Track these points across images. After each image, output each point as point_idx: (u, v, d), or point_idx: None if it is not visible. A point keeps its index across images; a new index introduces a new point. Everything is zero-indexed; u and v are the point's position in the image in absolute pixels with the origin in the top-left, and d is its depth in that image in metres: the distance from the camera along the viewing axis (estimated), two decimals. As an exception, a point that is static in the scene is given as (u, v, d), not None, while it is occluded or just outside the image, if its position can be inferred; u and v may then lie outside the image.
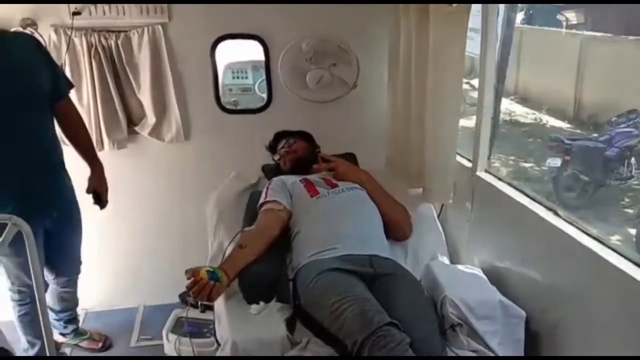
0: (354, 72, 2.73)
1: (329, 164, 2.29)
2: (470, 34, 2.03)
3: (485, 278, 1.97)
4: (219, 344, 1.77)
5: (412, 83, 2.28)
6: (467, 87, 4.41)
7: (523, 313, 1.74)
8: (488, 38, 2.01)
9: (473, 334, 1.70)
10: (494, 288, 1.86)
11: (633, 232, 4.08)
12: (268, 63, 2.70)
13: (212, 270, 1.70)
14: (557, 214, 1.77)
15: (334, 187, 2.15)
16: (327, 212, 2.04)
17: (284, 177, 2.24)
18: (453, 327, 1.70)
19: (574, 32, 6.16)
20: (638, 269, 1.42)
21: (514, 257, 1.96)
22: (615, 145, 4.44)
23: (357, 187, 2.18)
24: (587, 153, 4.56)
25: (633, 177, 4.46)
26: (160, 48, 2.53)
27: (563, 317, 1.67)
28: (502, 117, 5.37)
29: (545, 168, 4.86)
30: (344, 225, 1.98)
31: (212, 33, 2.60)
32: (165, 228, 2.81)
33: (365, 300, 1.63)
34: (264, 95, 2.84)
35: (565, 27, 6.28)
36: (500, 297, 1.78)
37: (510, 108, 6.46)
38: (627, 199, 4.57)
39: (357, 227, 2.00)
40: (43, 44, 2.14)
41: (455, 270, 2.05)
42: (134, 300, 2.92)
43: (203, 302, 1.76)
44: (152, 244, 2.81)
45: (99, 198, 2.20)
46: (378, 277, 1.81)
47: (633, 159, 4.42)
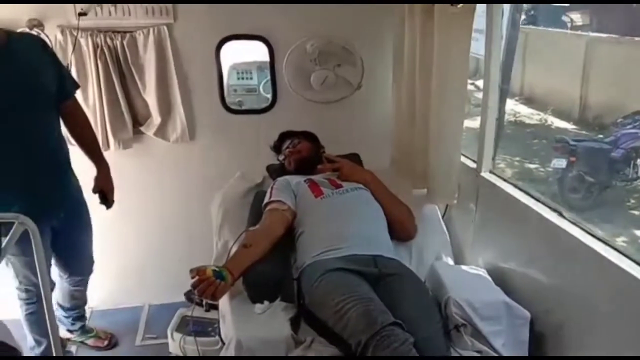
0: (359, 72, 2.73)
1: (334, 165, 2.29)
2: (475, 35, 2.03)
3: (490, 279, 1.97)
4: (224, 343, 1.78)
5: (416, 84, 2.28)
6: (471, 87, 4.41)
7: (527, 314, 1.74)
8: (493, 39, 2.02)
9: (477, 335, 1.70)
10: (499, 289, 1.87)
11: (639, 233, 4.06)
12: (273, 64, 2.70)
13: (217, 269, 1.71)
14: (561, 215, 1.76)
15: (338, 187, 2.15)
16: (331, 212, 2.05)
17: (289, 177, 2.25)
18: (457, 327, 1.70)
19: (580, 33, 6.13)
20: (643, 270, 1.41)
21: (519, 258, 1.96)
22: (621, 147, 4.41)
23: (361, 187, 2.18)
24: (592, 154, 4.53)
25: (639, 178, 4.43)
26: (166, 48, 2.55)
27: (567, 318, 1.67)
28: (507, 117, 5.35)
29: (551, 169, 4.84)
30: (349, 226, 1.99)
31: (217, 34, 2.61)
32: (171, 227, 2.82)
33: (369, 300, 1.63)
34: (269, 96, 2.84)
35: (570, 28, 6.26)
36: (505, 297, 1.78)
37: (515, 109, 6.42)
38: (632, 201, 4.54)
39: (361, 227, 2.00)
40: (49, 45, 2.15)
41: (460, 271, 2.05)
42: (139, 299, 2.93)
43: (207, 300, 1.76)
44: (157, 244, 2.82)
45: (105, 198, 2.20)
46: (382, 277, 1.81)
47: (639, 160, 4.39)
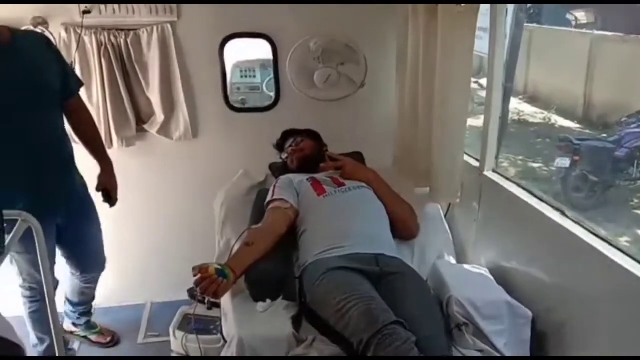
0: (362, 71, 2.73)
1: (336, 163, 2.30)
2: (479, 34, 2.03)
3: (492, 278, 1.97)
4: (226, 341, 1.78)
5: (420, 82, 2.28)
6: (475, 86, 4.38)
7: (530, 313, 1.74)
8: (497, 37, 2.01)
9: (479, 334, 1.70)
10: (501, 288, 1.86)
11: (642, 233, 4.05)
12: (276, 62, 2.71)
13: (219, 267, 1.71)
14: (564, 215, 1.76)
15: (341, 186, 2.15)
16: (333, 210, 2.05)
17: (291, 175, 2.25)
18: (459, 326, 1.70)
19: (584, 31, 6.11)
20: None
21: (521, 257, 1.96)
22: (625, 146, 4.39)
23: (364, 186, 2.18)
24: (596, 153, 4.51)
25: (643, 177, 4.42)
26: (169, 47, 2.55)
27: (570, 317, 1.67)
28: (510, 116, 5.32)
29: (554, 168, 4.82)
30: (351, 224, 1.98)
31: (220, 32, 2.62)
32: (173, 225, 2.82)
33: (371, 299, 1.63)
34: (272, 94, 2.84)
35: (575, 26, 6.23)
36: (507, 297, 1.78)
37: (519, 107, 6.40)
38: (636, 200, 4.52)
39: (363, 225, 2.00)
40: (53, 43, 2.16)
41: (462, 270, 2.05)
42: (142, 297, 2.94)
43: (210, 298, 1.77)
44: (160, 242, 2.83)
45: (109, 196, 2.21)
46: (384, 275, 1.81)
47: (643, 160, 4.38)
